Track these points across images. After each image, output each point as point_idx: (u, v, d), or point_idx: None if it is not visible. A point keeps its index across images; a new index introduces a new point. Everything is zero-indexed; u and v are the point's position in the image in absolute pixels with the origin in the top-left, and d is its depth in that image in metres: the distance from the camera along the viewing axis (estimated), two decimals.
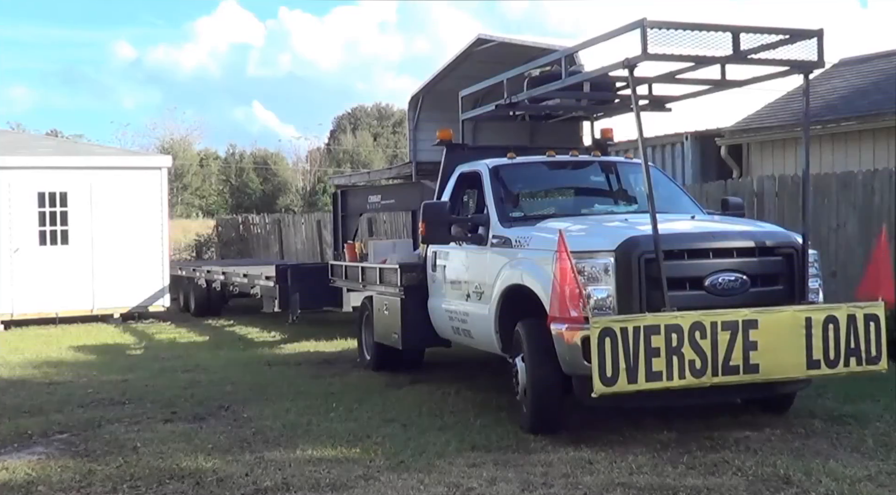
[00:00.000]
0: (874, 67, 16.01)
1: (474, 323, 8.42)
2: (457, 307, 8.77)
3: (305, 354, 12.41)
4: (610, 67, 7.43)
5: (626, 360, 6.24)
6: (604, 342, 6.21)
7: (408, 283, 9.50)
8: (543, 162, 9.26)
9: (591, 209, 8.79)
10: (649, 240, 6.68)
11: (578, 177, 9.47)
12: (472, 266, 8.48)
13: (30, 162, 17.07)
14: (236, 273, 16.50)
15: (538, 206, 8.94)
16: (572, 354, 6.62)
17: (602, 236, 7.13)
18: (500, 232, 8.04)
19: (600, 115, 10.45)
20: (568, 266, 6.45)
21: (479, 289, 8.25)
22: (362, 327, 11.17)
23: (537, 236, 7.52)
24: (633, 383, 6.25)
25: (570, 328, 6.59)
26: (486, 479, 6.06)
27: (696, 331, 6.36)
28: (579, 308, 6.49)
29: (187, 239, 30.03)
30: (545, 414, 7.20)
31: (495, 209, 8.34)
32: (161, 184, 17.77)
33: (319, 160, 58.75)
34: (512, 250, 7.75)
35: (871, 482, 5.76)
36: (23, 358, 12.54)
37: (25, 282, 16.57)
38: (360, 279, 11.05)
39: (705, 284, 6.81)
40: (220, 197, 56.27)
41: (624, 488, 5.79)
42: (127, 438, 7.56)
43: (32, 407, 9.00)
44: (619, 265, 6.70)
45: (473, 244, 8.39)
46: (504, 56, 20.12)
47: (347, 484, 6.06)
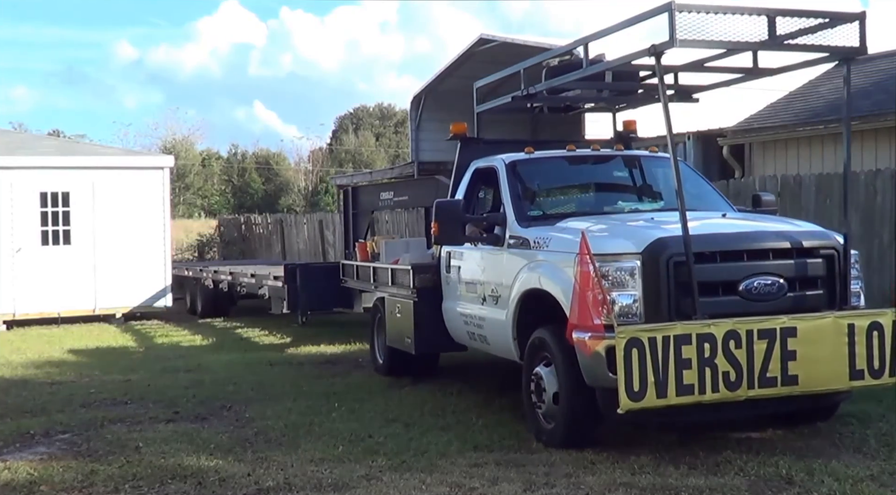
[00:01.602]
0: (876, 67, 16.00)
1: (491, 328, 7.96)
2: (472, 311, 8.31)
3: (308, 354, 12.41)
4: (635, 55, 7.01)
5: (655, 373, 5.80)
6: (630, 353, 5.78)
7: (421, 285, 9.06)
8: (563, 156, 8.70)
9: (615, 207, 8.20)
10: (679, 241, 6.24)
11: (600, 173, 8.90)
12: (488, 268, 8.02)
13: (32, 162, 17.09)
14: (244, 273, 16.16)
15: (558, 204, 8.45)
16: (595, 365, 6.17)
17: (627, 237, 6.59)
18: (518, 232, 7.58)
19: (622, 106, 9.85)
20: (590, 270, 6.04)
21: (495, 292, 7.81)
22: (375, 330, 10.69)
23: (557, 237, 7.07)
24: (662, 398, 5.82)
25: (592, 337, 6.13)
26: (489, 479, 6.06)
27: (731, 341, 5.94)
28: (602, 315, 6.06)
29: (189, 239, 30.06)
30: (579, 427, 6.70)
31: (512, 207, 7.87)
32: (163, 184, 17.78)
33: (321, 160, 58.73)
34: (530, 252, 7.29)
35: (873, 482, 5.76)
36: (25, 358, 12.56)
37: (27, 281, 16.59)
38: (371, 280, 10.66)
39: (739, 289, 6.35)
40: (222, 197, 56.28)
41: (626, 488, 5.79)
42: (129, 438, 7.56)
43: (35, 406, 9.00)
44: (646, 269, 6.24)
45: (489, 245, 7.94)
46: (506, 56, 20.07)
47: (349, 483, 6.06)
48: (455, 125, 9.40)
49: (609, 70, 8.20)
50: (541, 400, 6.95)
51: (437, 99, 22.86)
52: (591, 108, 10.32)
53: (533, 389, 7.03)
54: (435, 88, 22.89)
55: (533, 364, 7.05)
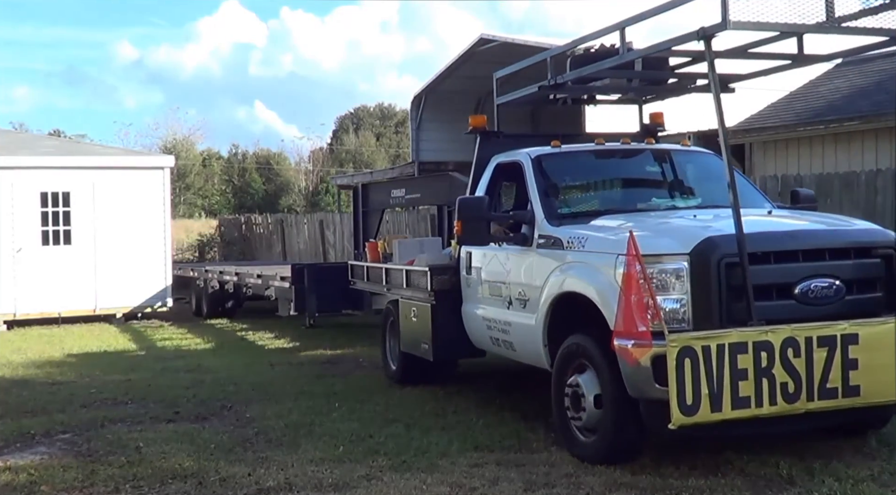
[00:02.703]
0: (877, 67, 16.00)
1: (518, 334, 7.46)
2: (496, 315, 7.80)
3: (308, 355, 12.41)
4: (680, 39, 6.54)
5: (710, 385, 5.37)
6: (683, 363, 5.34)
7: (439, 288, 8.55)
8: (592, 150, 8.16)
9: (649, 204, 7.65)
10: (729, 240, 5.79)
11: (632, 168, 8.33)
12: (515, 269, 7.48)
13: (32, 162, 17.10)
14: (250, 274, 15.89)
15: (588, 201, 7.81)
16: (640, 376, 5.70)
17: (673, 236, 6.11)
18: (548, 231, 7.06)
19: (650, 97, 9.27)
20: (638, 272, 5.57)
21: (522, 295, 7.31)
22: (386, 335, 10.16)
23: (595, 237, 6.55)
24: (717, 412, 5.40)
25: (637, 345, 5.63)
26: (489, 479, 6.06)
27: (789, 349, 5.51)
28: (649, 321, 5.56)
29: (190, 239, 30.08)
30: (625, 441, 6.22)
31: (541, 205, 7.33)
32: (164, 184, 17.79)
33: (322, 160, 58.71)
34: (563, 252, 6.77)
35: (873, 482, 5.75)
36: (25, 358, 12.56)
37: (28, 282, 16.59)
38: (383, 282, 10.11)
39: (795, 292, 5.87)
40: (222, 197, 56.25)
41: (627, 488, 5.79)
42: (130, 438, 7.56)
43: (35, 406, 9.01)
44: (695, 270, 5.76)
45: (516, 245, 7.40)
46: (507, 56, 20.03)
47: (350, 484, 6.07)
48: (474, 118, 8.93)
49: (653, 55, 7.66)
50: (578, 412, 6.42)
51: (438, 99, 22.84)
52: (617, 99, 9.70)
53: (568, 401, 6.51)
54: (435, 88, 22.87)
55: (566, 372, 6.56)
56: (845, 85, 16.17)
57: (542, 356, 7.03)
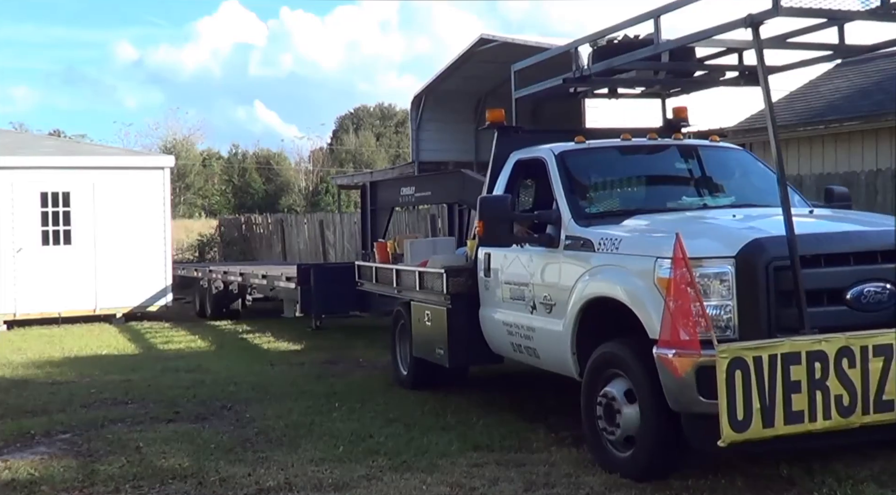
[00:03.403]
0: (877, 67, 16.00)
1: (542, 340, 7.06)
2: (518, 320, 7.38)
3: (308, 354, 12.40)
4: (725, 27, 6.22)
5: (761, 399, 5.05)
6: (733, 376, 5.00)
7: (455, 290, 8.16)
8: (618, 146, 7.80)
9: (680, 202, 7.25)
10: (778, 242, 5.46)
11: (660, 165, 7.96)
12: (540, 272, 7.07)
13: (32, 162, 17.09)
14: (255, 274, 15.55)
15: (616, 200, 7.41)
16: (683, 388, 5.36)
17: (716, 238, 5.76)
18: (577, 231, 6.69)
19: (676, 91, 8.86)
20: (686, 277, 5.17)
21: (548, 299, 6.91)
22: (396, 339, 9.79)
23: (630, 238, 6.21)
24: (769, 427, 5.07)
25: (681, 355, 5.27)
26: (489, 479, 6.07)
27: (844, 359, 5.17)
28: (695, 330, 5.18)
29: (190, 239, 30.08)
30: (663, 458, 5.87)
31: (567, 204, 6.97)
32: (164, 184, 17.77)
33: (322, 160, 58.72)
34: (594, 254, 6.40)
35: (873, 482, 5.75)
36: (26, 357, 12.56)
37: (28, 281, 16.58)
38: (394, 283, 9.64)
39: (847, 297, 5.55)
40: (222, 197, 56.27)
41: (627, 488, 5.79)
42: (130, 438, 7.57)
43: (35, 406, 9.01)
44: (742, 274, 5.42)
45: (540, 246, 7.03)
46: (506, 56, 20.08)
47: (350, 484, 6.07)
48: (492, 112, 8.43)
49: (690, 45, 7.28)
50: (612, 426, 6.02)
51: (438, 99, 22.86)
52: (640, 93, 9.18)
53: (601, 412, 6.11)
54: (435, 88, 22.89)
55: (598, 382, 6.17)
56: (845, 85, 16.17)
57: (570, 364, 6.66)
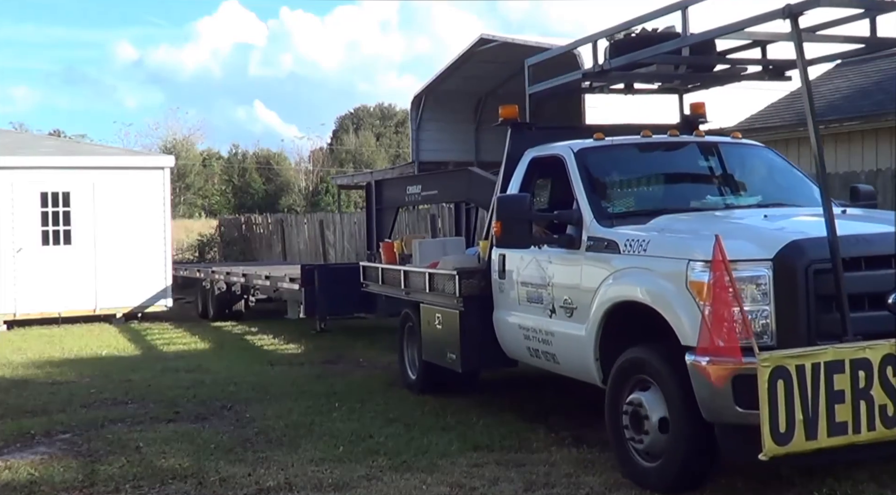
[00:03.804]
0: (877, 67, 15.99)
1: (562, 345, 6.82)
2: (536, 324, 7.13)
3: (308, 354, 12.41)
4: (761, 17, 6.01)
5: (804, 409, 4.82)
6: (776, 386, 4.77)
7: (468, 293, 7.90)
8: (639, 143, 7.51)
9: (703, 202, 6.99)
10: (817, 244, 5.22)
11: (682, 162, 7.71)
12: (559, 274, 6.82)
13: (32, 162, 17.09)
14: (258, 275, 15.38)
15: (638, 199, 7.13)
16: (719, 397, 5.13)
17: (752, 239, 5.50)
18: (600, 232, 6.43)
19: (694, 86, 8.57)
20: (726, 281, 4.91)
21: (569, 303, 6.65)
22: (404, 342, 9.60)
23: (659, 239, 5.95)
24: (812, 440, 4.84)
25: (717, 363, 5.04)
26: (489, 479, 6.07)
27: (888, 367, 4.96)
28: (735, 336, 4.90)
29: (190, 239, 30.08)
30: (694, 469, 5.62)
31: (588, 203, 6.70)
32: (164, 184, 17.78)
33: (322, 160, 58.72)
34: (619, 256, 6.13)
35: (873, 482, 5.75)
36: (26, 357, 12.56)
37: (28, 282, 16.58)
38: (402, 285, 9.33)
39: (889, 302, 5.30)
40: (222, 197, 56.27)
41: (627, 488, 5.80)
42: (130, 438, 7.57)
43: (35, 406, 9.01)
44: (780, 278, 5.19)
45: (560, 247, 6.77)
46: (506, 56, 20.13)
47: (350, 484, 6.07)
48: (505, 108, 8.15)
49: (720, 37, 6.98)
50: (639, 434, 5.78)
51: (438, 99, 22.86)
52: (657, 89, 8.84)
53: (627, 421, 5.86)
54: (435, 88, 22.89)
55: (623, 389, 5.94)
56: (845, 85, 16.16)
57: (593, 370, 6.39)
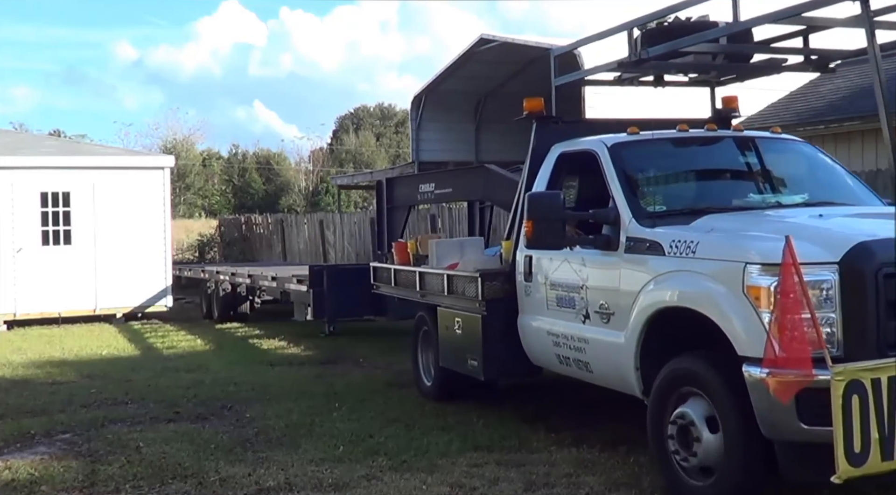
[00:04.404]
0: None
1: (598, 353, 6.41)
2: (567, 330, 6.72)
3: (308, 355, 12.41)
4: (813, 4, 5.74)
5: (880, 427, 4.50)
6: (850, 401, 4.44)
7: (491, 296, 7.52)
8: (676, 138, 7.09)
9: (746, 200, 6.60)
10: (887, 246, 4.88)
11: (722, 159, 7.26)
12: (595, 277, 6.42)
13: (33, 162, 17.10)
14: (264, 275, 15.07)
15: (678, 197, 6.76)
16: (782, 413, 4.76)
17: (815, 241, 5.09)
18: (640, 233, 6.05)
19: (731, 77, 8.19)
20: (796, 286, 4.54)
21: (605, 308, 6.26)
22: (419, 346, 9.22)
23: (710, 240, 5.55)
24: (888, 460, 4.54)
25: (779, 375, 4.64)
26: (489, 479, 6.07)
27: None
28: (805, 347, 4.53)
29: (190, 239, 30.07)
30: (750, 489, 5.25)
31: (626, 202, 6.30)
32: (164, 184, 17.79)
33: (322, 160, 58.74)
34: (664, 259, 5.74)
35: (872, 482, 5.74)
36: (26, 358, 12.56)
37: (28, 282, 16.59)
38: (417, 287, 8.94)
39: None
40: (222, 197, 56.26)
41: (627, 488, 5.80)
42: (130, 438, 7.57)
43: (35, 406, 9.01)
44: (847, 282, 4.85)
45: (595, 248, 6.38)
46: (506, 56, 20.16)
47: (350, 484, 6.07)
48: (529, 101, 7.71)
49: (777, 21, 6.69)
50: (687, 451, 5.40)
51: (438, 99, 22.86)
52: (688, 81, 8.45)
53: (673, 434, 5.49)
54: (435, 88, 22.89)
55: (669, 401, 5.57)
56: (845, 85, 16.16)
57: (633, 381, 6.02)
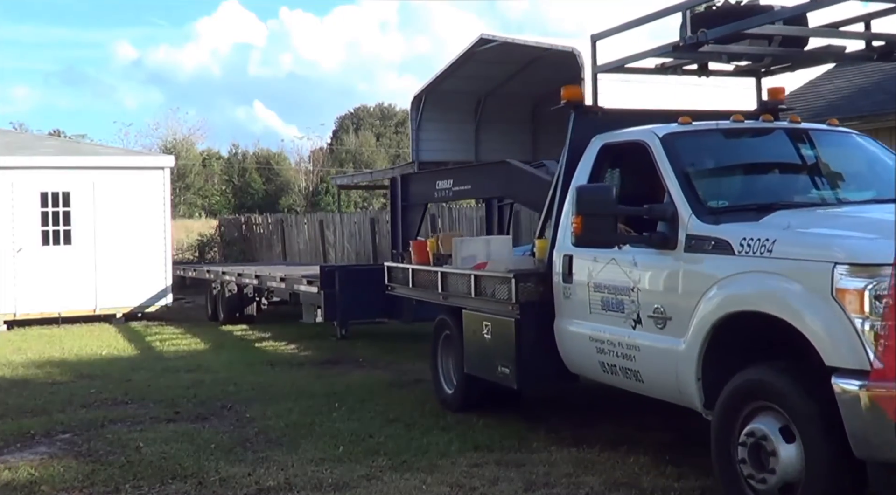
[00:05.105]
0: (877, 67, 15.95)
1: (651, 361, 5.95)
2: (614, 336, 6.25)
3: (308, 354, 12.41)
4: None
5: None
6: None
7: (526, 298, 7.04)
8: (731, 129, 6.65)
9: (808, 196, 6.22)
10: None
11: (779, 151, 6.81)
12: (648, 278, 5.98)
13: (33, 162, 17.11)
14: (272, 276, 14.82)
15: (738, 192, 6.33)
16: (881, 430, 4.40)
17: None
18: (702, 230, 5.60)
19: (784, 66, 7.80)
20: None
21: (661, 313, 5.80)
22: (439, 352, 8.76)
23: (791, 238, 5.09)
24: None
25: (881, 388, 4.36)
26: (489, 479, 6.07)
27: None
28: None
29: (190, 239, 30.07)
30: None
31: (684, 196, 5.84)
32: (164, 184, 17.80)
33: (322, 160, 58.71)
34: (733, 258, 5.29)
35: None
36: (26, 357, 12.57)
37: (28, 282, 16.60)
38: (438, 288, 8.49)
39: None
40: (222, 197, 56.25)
41: (627, 488, 5.80)
42: (130, 438, 7.57)
43: (35, 406, 9.01)
44: None
45: (650, 247, 5.92)
46: (507, 55, 20.14)
47: (350, 483, 6.07)
48: (568, 89, 7.33)
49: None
50: (761, 472, 4.93)
51: (438, 99, 22.81)
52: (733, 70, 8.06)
53: (744, 455, 5.02)
54: (435, 88, 22.85)
55: (738, 417, 5.12)
56: (845, 85, 16.15)
57: (693, 392, 5.54)
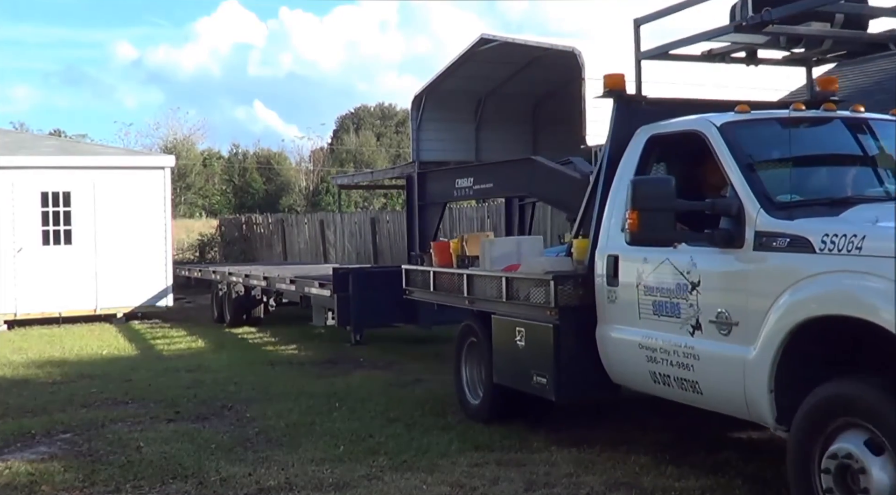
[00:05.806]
0: (877, 66, 15.99)
1: (712, 371, 5.44)
2: (668, 343, 5.76)
3: (308, 354, 12.42)
4: None
5: None
6: None
7: (566, 302, 6.54)
8: (790, 119, 6.11)
9: (880, 189, 5.83)
10: None
11: (843, 143, 6.39)
12: (711, 280, 5.49)
13: (33, 162, 17.12)
14: (282, 278, 14.30)
15: (807, 185, 5.79)
16: None
17: None
18: (775, 226, 5.13)
19: (840, 54, 7.46)
20: None
21: (725, 317, 5.31)
22: (462, 359, 8.36)
23: (885, 234, 4.59)
24: None
25: None
26: (489, 479, 6.07)
27: None
28: None
29: (190, 238, 30.09)
30: None
31: (751, 190, 5.39)
32: (164, 184, 17.81)
33: (322, 160, 58.73)
34: (815, 257, 4.81)
35: None
36: (26, 357, 12.57)
37: (29, 281, 16.61)
38: (464, 292, 8.03)
39: None
40: (223, 197, 56.26)
41: (627, 488, 5.80)
42: (130, 438, 7.57)
43: (36, 406, 9.01)
44: None
45: (712, 245, 5.45)
46: (507, 55, 20.15)
47: (350, 483, 6.07)
48: (610, 77, 6.87)
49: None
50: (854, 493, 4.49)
51: (438, 99, 22.83)
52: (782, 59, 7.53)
53: (828, 480, 4.57)
54: (436, 88, 22.87)
55: (819, 435, 4.67)
56: (845, 85, 16.14)
57: (764, 405, 5.04)
